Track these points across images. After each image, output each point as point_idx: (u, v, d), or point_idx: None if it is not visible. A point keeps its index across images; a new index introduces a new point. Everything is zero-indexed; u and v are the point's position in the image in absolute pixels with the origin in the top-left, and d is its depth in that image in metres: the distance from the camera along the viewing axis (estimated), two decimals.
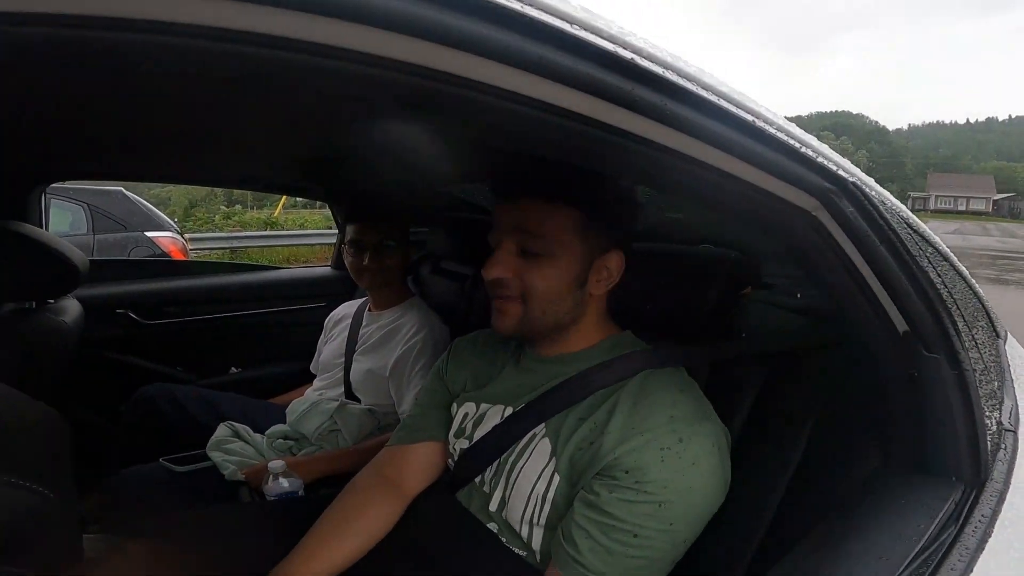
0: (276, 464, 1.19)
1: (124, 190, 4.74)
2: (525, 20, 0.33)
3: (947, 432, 0.60)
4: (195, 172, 1.69)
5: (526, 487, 0.78)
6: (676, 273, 0.96)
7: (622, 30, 0.37)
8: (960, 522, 0.57)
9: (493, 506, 0.82)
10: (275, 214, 14.64)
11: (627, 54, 0.36)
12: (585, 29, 0.35)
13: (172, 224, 5.12)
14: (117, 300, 1.78)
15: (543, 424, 0.79)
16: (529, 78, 0.33)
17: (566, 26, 0.34)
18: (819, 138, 0.55)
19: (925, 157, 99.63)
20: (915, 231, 0.62)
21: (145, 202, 4.86)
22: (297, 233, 9.99)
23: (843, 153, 0.50)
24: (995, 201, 63.56)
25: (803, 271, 0.61)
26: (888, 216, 0.54)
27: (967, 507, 0.59)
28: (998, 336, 1.03)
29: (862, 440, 0.71)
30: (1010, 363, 1.00)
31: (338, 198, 1.98)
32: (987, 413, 0.65)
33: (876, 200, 0.53)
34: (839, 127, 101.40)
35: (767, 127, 0.48)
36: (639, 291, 0.89)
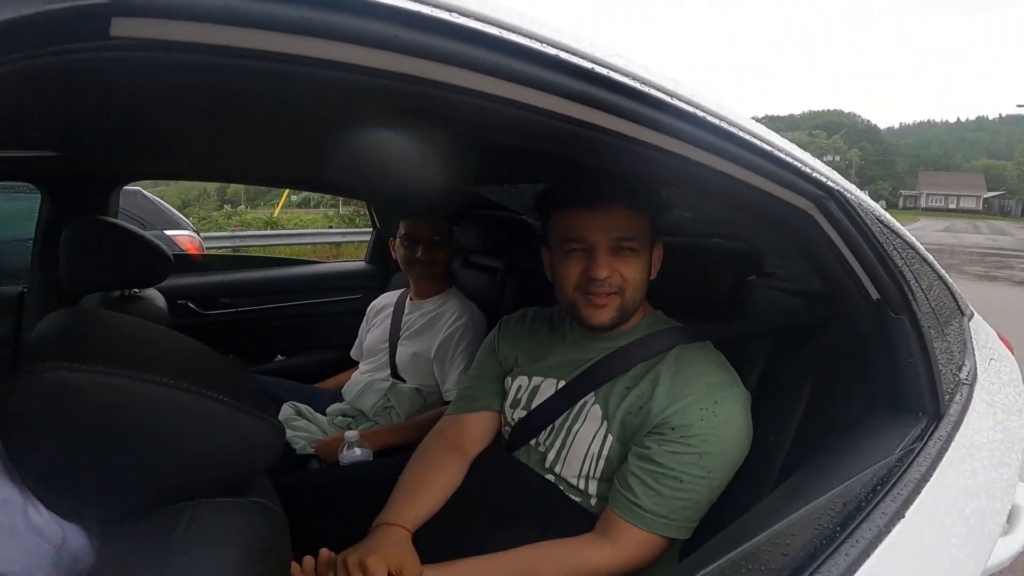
0: (352, 434, 1.36)
1: (143, 190, 4.89)
2: (617, 82, 0.51)
3: (911, 376, 0.79)
4: (258, 173, 1.85)
5: (582, 448, 0.93)
6: (693, 263, 1.13)
7: (694, 92, 0.55)
8: (924, 440, 0.77)
9: (549, 463, 0.97)
10: (274, 214, 14.79)
11: (685, 106, 0.55)
12: (656, 90, 0.54)
13: (188, 223, 5.27)
14: (180, 291, 1.94)
15: (592, 393, 0.95)
16: (630, 125, 0.52)
17: (662, 96, 0.52)
18: (812, 137, 0.73)
19: (916, 155, 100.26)
20: (886, 225, 0.82)
21: (162, 202, 5.01)
22: (308, 232, 10.16)
23: (835, 151, 0.68)
24: (985, 199, 64.14)
25: (800, 255, 0.80)
26: (863, 215, 0.73)
27: (930, 431, 0.79)
28: (963, 314, 1.22)
29: (850, 391, 0.90)
30: (974, 337, 1.19)
31: (379, 198, 2.15)
32: (943, 364, 0.84)
33: (855, 203, 0.73)
34: (831, 125, 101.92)
35: (774, 150, 0.66)
36: (663, 278, 1.06)
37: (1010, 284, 9.68)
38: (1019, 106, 47.82)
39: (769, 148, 0.64)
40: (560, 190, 0.95)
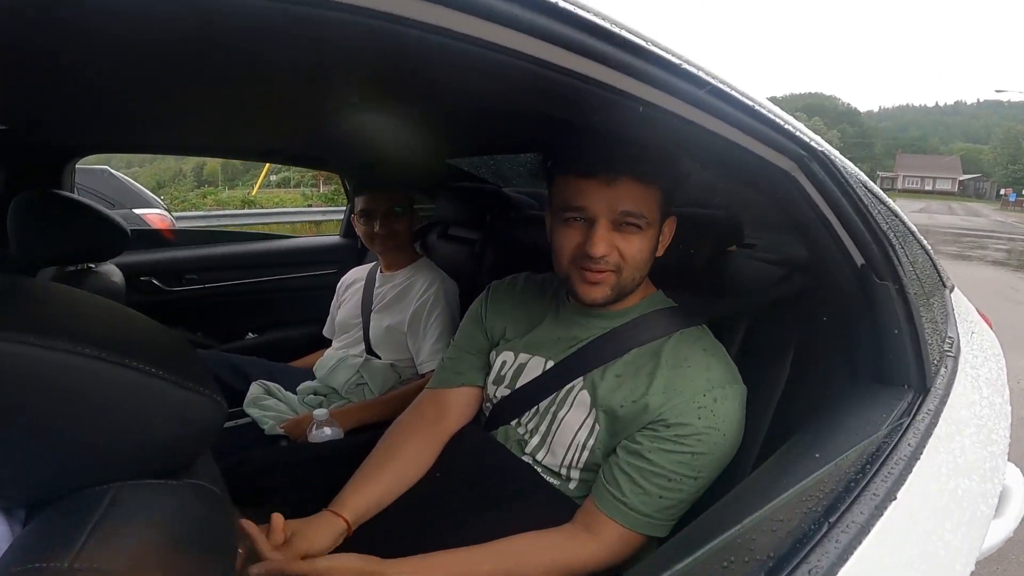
0: (321, 412, 1.31)
1: (110, 168, 4.73)
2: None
3: (897, 347, 0.76)
4: (225, 144, 1.77)
5: (567, 436, 0.89)
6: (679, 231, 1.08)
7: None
8: (912, 414, 0.74)
9: (530, 448, 0.92)
10: (252, 192, 14.50)
11: (675, 60, 0.51)
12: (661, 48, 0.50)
13: (159, 201, 5.12)
14: (142, 267, 1.86)
15: (581, 378, 0.90)
16: (620, 76, 0.48)
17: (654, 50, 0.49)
18: (792, 118, 0.69)
19: (894, 138, 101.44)
20: (870, 191, 0.78)
21: (131, 180, 4.85)
22: (281, 211, 9.89)
23: (816, 133, 0.65)
24: (961, 181, 65.33)
25: (783, 219, 0.77)
26: (848, 177, 0.70)
27: (917, 405, 0.76)
28: (944, 286, 1.21)
29: (833, 363, 0.87)
30: (955, 309, 1.18)
31: (351, 170, 2.07)
32: (930, 334, 0.81)
33: (839, 165, 0.69)
34: (812, 108, 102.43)
35: (758, 107, 0.62)
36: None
37: (984, 264, 9.87)
38: (998, 91, 48.41)
39: (754, 104, 0.60)
40: (567, 154, 0.87)
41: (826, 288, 0.83)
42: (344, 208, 2.36)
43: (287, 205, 12.29)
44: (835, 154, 0.71)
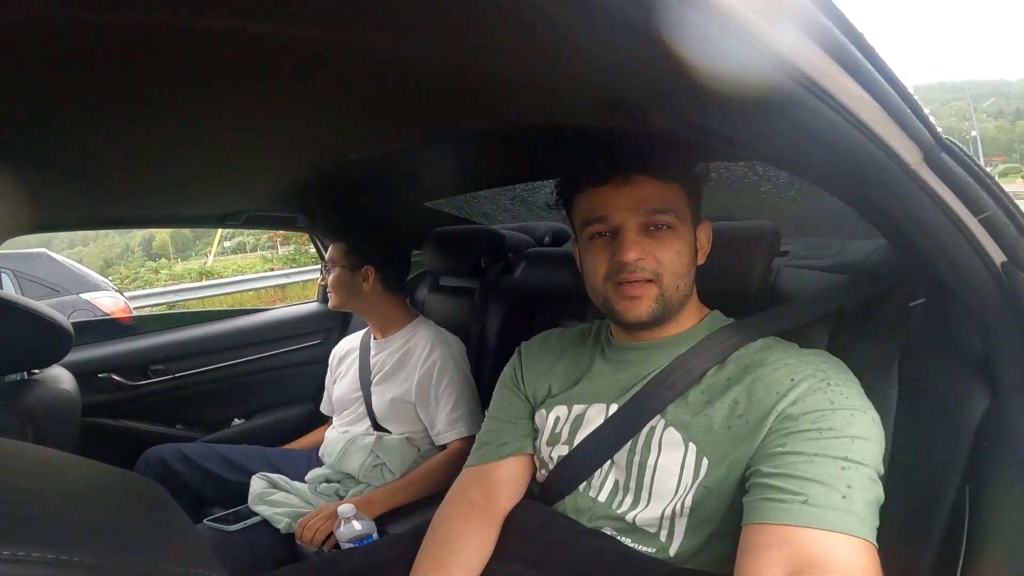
0: (346, 508, 1.13)
1: (48, 251, 4.39)
2: None
3: None
4: (171, 213, 1.58)
5: (670, 482, 0.73)
6: (719, 247, 0.90)
7: None
8: None
9: (621, 509, 0.77)
10: (208, 262, 14.00)
11: None
12: None
13: (108, 283, 4.79)
14: (99, 364, 1.64)
15: (658, 416, 0.76)
16: None
17: None
18: None
19: None
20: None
21: (74, 262, 4.53)
22: (246, 279, 9.36)
23: None
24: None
25: (894, 228, 0.65)
26: (983, 167, 0.59)
27: None
28: None
29: (962, 377, 0.72)
30: None
31: (324, 228, 1.87)
32: None
33: (971, 154, 0.58)
34: None
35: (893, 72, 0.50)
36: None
37: None
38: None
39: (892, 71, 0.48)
40: (578, 172, 0.83)
41: (962, 294, 0.68)
42: (314, 266, 2.17)
43: (248, 272, 11.78)
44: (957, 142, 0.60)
